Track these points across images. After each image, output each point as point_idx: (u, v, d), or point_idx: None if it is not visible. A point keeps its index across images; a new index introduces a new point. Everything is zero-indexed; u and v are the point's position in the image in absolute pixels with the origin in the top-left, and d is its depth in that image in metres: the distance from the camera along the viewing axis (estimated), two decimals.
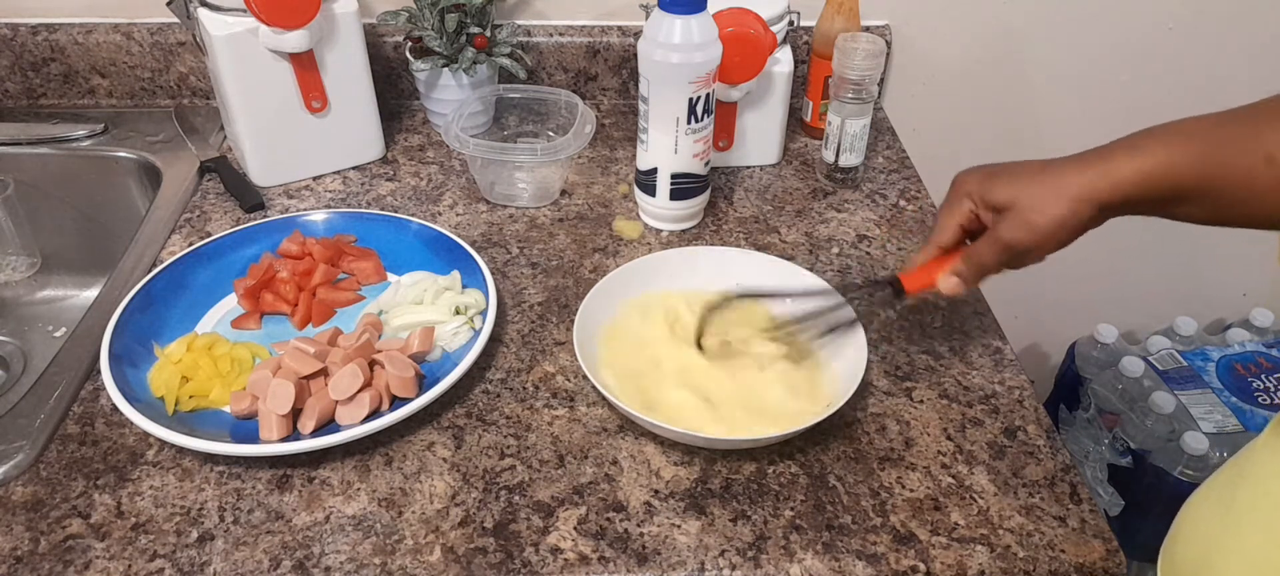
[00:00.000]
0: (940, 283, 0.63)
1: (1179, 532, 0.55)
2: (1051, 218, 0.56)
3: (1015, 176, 0.58)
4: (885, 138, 1.06)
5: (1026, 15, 1.11)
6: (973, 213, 0.61)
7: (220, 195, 0.93)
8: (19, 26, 1.04)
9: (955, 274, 0.61)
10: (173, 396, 0.66)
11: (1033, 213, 0.56)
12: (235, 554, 0.58)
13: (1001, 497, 0.62)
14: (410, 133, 1.04)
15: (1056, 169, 0.56)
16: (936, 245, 0.63)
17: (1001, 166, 0.60)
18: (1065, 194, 0.55)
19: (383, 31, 1.05)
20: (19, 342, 0.99)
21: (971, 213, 0.61)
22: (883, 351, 0.75)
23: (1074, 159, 0.56)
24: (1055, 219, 0.55)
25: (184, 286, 0.77)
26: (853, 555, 0.58)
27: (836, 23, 0.98)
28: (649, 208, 0.87)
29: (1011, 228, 0.57)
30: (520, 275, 0.82)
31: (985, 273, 0.61)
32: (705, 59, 0.76)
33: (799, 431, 0.63)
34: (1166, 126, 0.54)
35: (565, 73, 1.10)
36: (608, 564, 0.57)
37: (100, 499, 0.61)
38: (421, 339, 0.70)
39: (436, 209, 0.91)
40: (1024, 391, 0.71)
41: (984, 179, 0.60)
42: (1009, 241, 0.58)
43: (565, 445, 0.66)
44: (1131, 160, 0.54)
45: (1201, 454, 1.12)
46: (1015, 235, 0.57)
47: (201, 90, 1.08)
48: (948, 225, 0.62)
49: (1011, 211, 0.58)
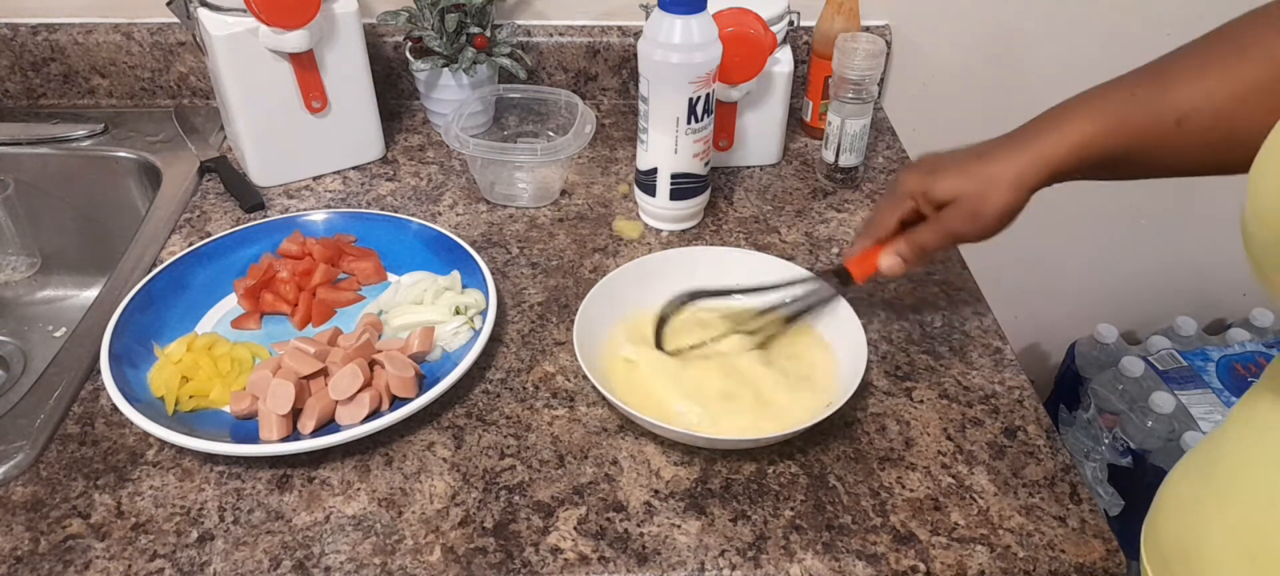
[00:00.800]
0: (882, 260, 0.66)
1: (1160, 508, 0.56)
2: (994, 207, 0.59)
3: (955, 170, 0.61)
4: (885, 138, 1.06)
5: (1026, 15, 1.11)
6: (913, 209, 0.65)
7: (220, 195, 0.93)
8: (19, 26, 1.04)
9: (897, 254, 0.65)
10: (173, 396, 0.66)
11: (976, 204, 0.60)
12: (235, 554, 0.58)
13: (1001, 497, 0.62)
14: (410, 133, 1.04)
15: (989, 158, 0.60)
16: (874, 236, 0.67)
17: (937, 161, 0.63)
18: (1005, 183, 0.59)
19: (383, 31, 1.05)
20: (19, 342, 0.99)
21: (912, 209, 0.65)
22: (883, 351, 0.75)
23: (1002, 144, 0.60)
24: (998, 207, 0.59)
25: (184, 286, 0.77)
26: (853, 555, 0.58)
27: (836, 23, 0.98)
28: (649, 208, 0.87)
29: (957, 220, 0.61)
30: (520, 275, 0.82)
31: (926, 256, 0.65)
32: (705, 59, 0.76)
33: (799, 431, 0.63)
34: (1083, 98, 0.58)
35: (565, 73, 1.10)
36: (608, 564, 0.57)
37: (100, 499, 0.61)
38: (421, 339, 0.70)
39: (436, 209, 0.91)
40: (1024, 391, 0.71)
41: (925, 177, 0.63)
42: (956, 231, 0.62)
43: (565, 445, 0.66)
44: (1056, 139, 0.57)
45: None
46: (961, 226, 0.61)
47: (201, 90, 1.08)
48: (888, 219, 0.66)
49: (956, 205, 0.61)
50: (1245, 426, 0.50)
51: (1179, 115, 0.53)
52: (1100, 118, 0.56)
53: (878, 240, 0.66)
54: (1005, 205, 0.59)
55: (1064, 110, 0.58)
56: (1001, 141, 0.60)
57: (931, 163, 0.63)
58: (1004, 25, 1.12)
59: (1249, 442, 0.49)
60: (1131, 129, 0.55)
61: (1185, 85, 0.54)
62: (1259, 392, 0.50)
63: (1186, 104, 0.53)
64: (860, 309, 0.71)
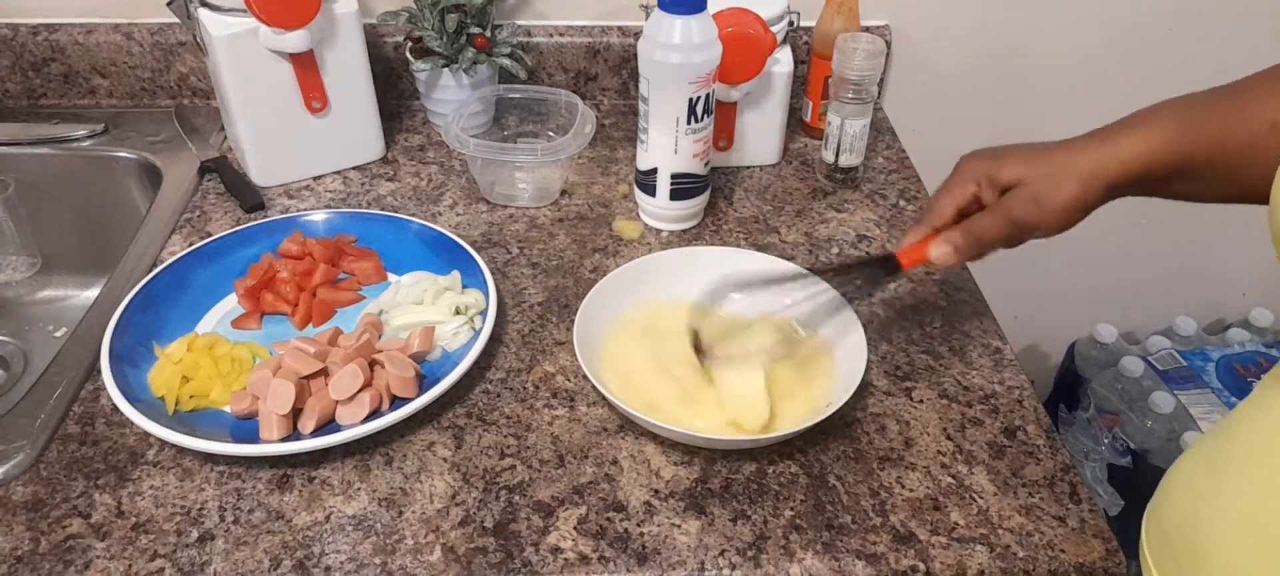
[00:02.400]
0: (932, 250, 0.61)
1: (1165, 496, 0.56)
2: (1063, 195, 0.56)
3: (1024, 156, 0.59)
4: (885, 138, 1.06)
5: (1026, 15, 1.11)
6: (975, 195, 0.61)
7: (220, 195, 0.93)
8: (19, 26, 1.04)
9: (949, 242, 0.60)
10: (173, 396, 0.66)
11: (1043, 190, 0.57)
12: (235, 553, 0.58)
13: (1001, 497, 0.62)
14: (410, 133, 1.04)
15: (1064, 150, 0.57)
16: (931, 225, 0.63)
17: (1007, 148, 0.61)
18: (1075, 173, 0.56)
19: (383, 31, 1.05)
20: (19, 342, 0.99)
21: (974, 195, 0.61)
22: (883, 351, 0.75)
23: (1078, 141, 0.58)
24: (1066, 197, 0.56)
25: (184, 286, 0.77)
26: (853, 555, 0.58)
27: (836, 23, 0.98)
28: (649, 207, 0.87)
29: (1021, 204, 0.58)
30: (520, 275, 0.82)
31: (984, 247, 0.60)
32: (705, 59, 0.76)
33: (799, 431, 0.63)
34: (1164, 105, 0.56)
35: (565, 73, 1.10)
36: (608, 564, 0.57)
37: (100, 499, 0.61)
38: (422, 339, 0.70)
39: (436, 209, 0.91)
40: (1024, 391, 0.71)
41: (991, 159, 0.60)
42: (1018, 217, 0.58)
43: (565, 445, 0.66)
44: (1136, 139, 0.55)
45: None
46: (1024, 211, 0.58)
47: (202, 90, 1.08)
48: (946, 206, 0.62)
49: (1021, 189, 0.58)
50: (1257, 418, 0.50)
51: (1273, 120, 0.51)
52: (1186, 119, 0.55)
53: (935, 228, 0.62)
54: (1073, 197, 0.56)
55: (1146, 112, 0.57)
56: (1076, 138, 0.58)
57: (997, 149, 0.61)
58: (1004, 25, 1.12)
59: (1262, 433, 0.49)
60: (1220, 133, 0.54)
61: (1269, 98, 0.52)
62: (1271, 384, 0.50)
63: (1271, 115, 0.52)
64: (860, 309, 0.71)
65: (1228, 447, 0.51)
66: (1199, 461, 0.54)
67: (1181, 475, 0.55)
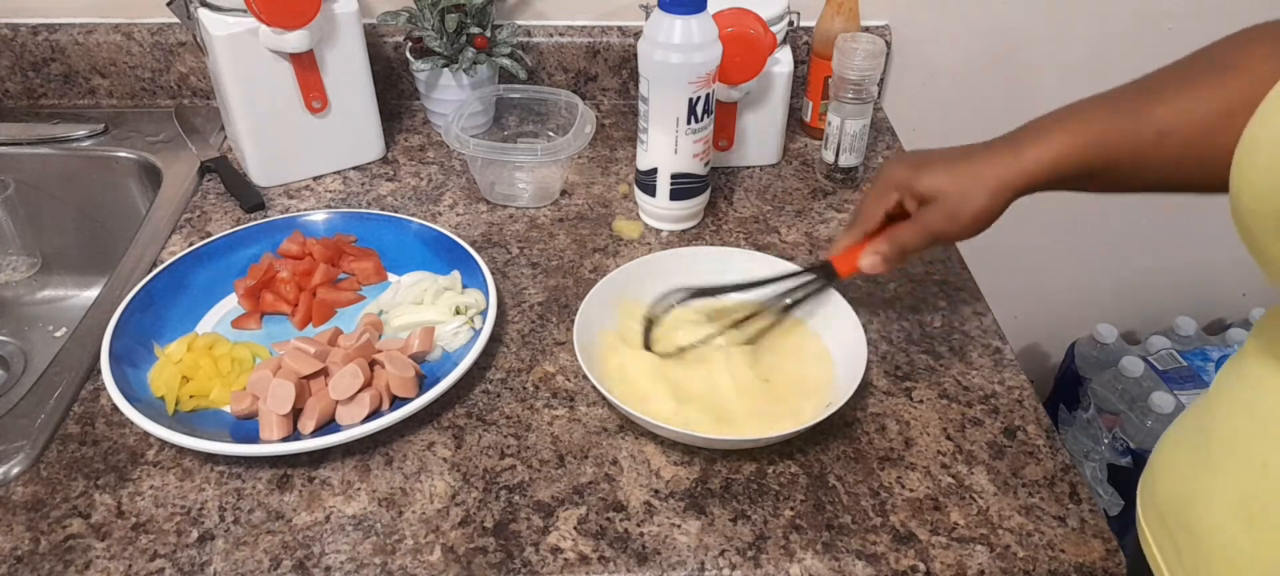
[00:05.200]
0: (862, 260, 0.66)
1: (1156, 470, 0.58)
2: (973, 209, 0.59)
3: (938, 168, 0.62)
4: (885, 138, 1.06)
5: (1026, 15, 1.11)
6: (899, 201, 0.64)
7: (220, 195, 0.93)
8: (19, 26, 1.04)
9: (877, 253, 0.65)
10: (173, 396, 0.66)
11: (956, 205, 0.60)
12: (235, 554, 0.58)
13: (1001, 497, 0.62)
14: (410, 133, 1.04)
15: (974, 161, 0.60)
16: (862, 231, 0.67)
17: (924, 157, 0.63)
18: (983, 185, 0.59)
19: (383, 31, 1.05)
20: (19, 342, 0.99)
21: (898, 201, 0.64)
22: (883, 351, 0.75)
23: (988, 148, 0.60)
24: (976, 208, 0.59)
25: (184, 286, 0.77)
26: (853, 555, 0.58)
27: (836, 23, 0.98)
28: (649, 208, 0.87)
29: (936, 217, 0.61)
30: (520, 275, 0.82)
31: (908, 255, 0.65)
32: (705, 59, 0.76)
33: (799, 431, 0.63)
34: (1069, 110, 0.58)
35: (565, 73, 1.10)
36: (608, 564, 0.57)
37: (100, 499, 0.61)
38: (422, 339, 0.70)
39: (436, 209, 0.91)
40: (1024, 391, 0.71)
41: (910, 171, 0.63)
42: (934, 230, 0.62)
43: (565, 445, 0.66)
44: (1039, 149, 0.58)
45: None
46: (940, 224, 0.61)
47: (202, 90, 1.08)
48: (875, 213, 0.66)
49: (936, 203, 0.61)
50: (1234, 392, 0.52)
51: (1160, 130, 0.54)
52: (1083, 130, 0.57)
53: (865, 233, 0.67)
54: (982, 209, 0.59)
55: (1048, 121, 0.59)
56: (988, 145, 0.60)
57: (918, 158, 0.64)
58: (1004, 25, 1.12)
59: (1239, 410, 0.51)
60: (1113, 142, 0.56)
61: (1168, 101, 0.54)
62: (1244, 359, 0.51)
63: (1169, 120, 0.54)
64: (860, 309, 0.72)
65: (1210, 426, 0.53)
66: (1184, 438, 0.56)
67: (1169, 451, 0.57)
